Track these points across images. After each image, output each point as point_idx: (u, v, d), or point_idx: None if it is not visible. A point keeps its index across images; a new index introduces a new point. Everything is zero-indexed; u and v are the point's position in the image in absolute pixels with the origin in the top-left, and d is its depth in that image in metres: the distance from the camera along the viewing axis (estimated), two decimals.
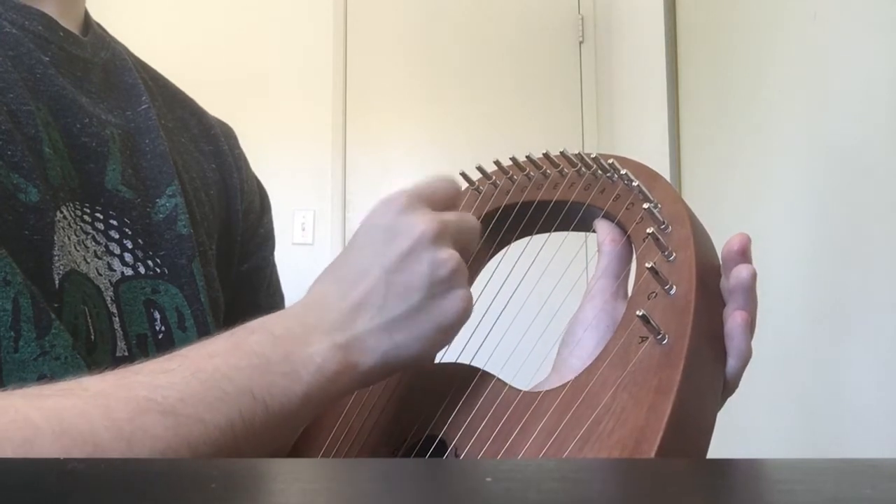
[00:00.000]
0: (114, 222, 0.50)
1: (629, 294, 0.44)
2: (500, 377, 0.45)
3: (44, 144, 0.46)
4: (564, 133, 2.56)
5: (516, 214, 0.53)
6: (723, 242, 0.43)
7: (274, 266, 0.67)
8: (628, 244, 0.48)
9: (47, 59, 0.49)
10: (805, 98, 1.36)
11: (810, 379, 1.33)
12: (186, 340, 0.51)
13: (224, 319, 0.56)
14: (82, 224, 0.48)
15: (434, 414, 0.45)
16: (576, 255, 0.65)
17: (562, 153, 0.53)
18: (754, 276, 0.41)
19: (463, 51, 2.63)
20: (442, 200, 0.45)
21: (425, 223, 0.42)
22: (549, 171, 0.53)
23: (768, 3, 1.50)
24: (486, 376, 0.45)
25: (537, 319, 0.63)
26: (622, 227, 0.48)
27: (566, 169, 0.52)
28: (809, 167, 1.34)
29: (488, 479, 0.21)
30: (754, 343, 0.42)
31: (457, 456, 0.42)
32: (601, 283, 0.48)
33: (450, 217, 0.44)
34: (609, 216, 0.49)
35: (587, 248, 0.64)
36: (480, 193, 0.55)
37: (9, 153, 0.43)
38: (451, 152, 2.52)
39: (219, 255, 0.58)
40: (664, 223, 0.45)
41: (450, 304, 0.42)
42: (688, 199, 0.47)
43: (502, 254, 0.55)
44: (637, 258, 0.45)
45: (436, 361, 0.50)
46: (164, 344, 0.50)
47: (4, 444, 0.30)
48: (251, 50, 2.62)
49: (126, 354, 0.48)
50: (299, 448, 0.49)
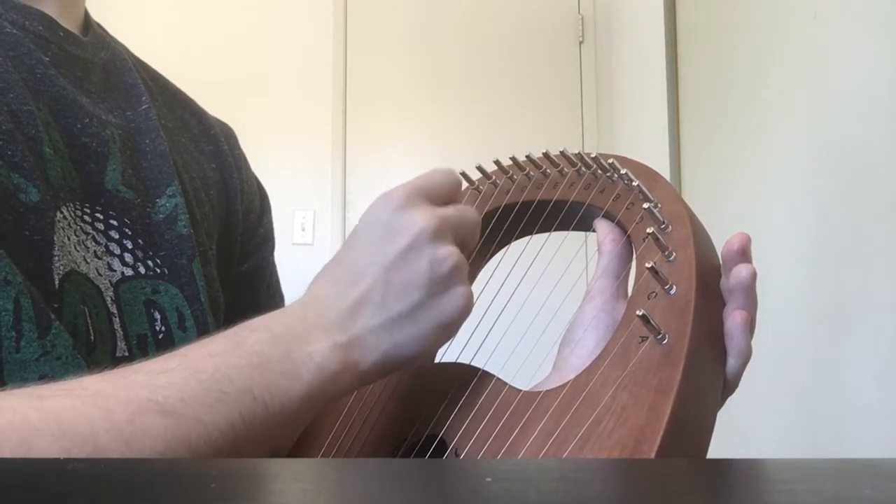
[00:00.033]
0: (114, 222, 0.50)
1: (629, 294, 0.44)
2: (500, 377, 0.45)
3: (44, 144, 0.46)
4: (564, 133, 2.56)
5: (516, 214, 0.53)
6: (723, 242, 0.43)
7: (274, 266, 0.67)
8: (628, 244, 0.48)
9: (47, 60, 0.49)
10: (805, 98, 1.36)
11: (810, 379, 1.33)
12: (186, 340, 0.51)
13: (224, 319, 0.56)
14: (82, 224, 0.48)
15: (434, 414, 0.45)
16: (576, 255, 0.65)
17: (562, 153, 0.53)
18: (754, 276, 0.41)
19: (463, 51, 2.63)
20: (442, 194, 0.45)
21: (424, 219, 0.41)
22: (549, 171, 0.53)
23: (768, 3, 1.50)
24: (486, 376, 0.45)
25: (537, 319, 0.63)
26: (622, 227, 0.48)
27: (566, 168, 0.52)
28: (809, 167, 1.34)
29: (488, 479, 0.21)
30: (754, 343, 0.42)
31: (457, 456, 0.42)
32: (601, 283, 0.48)
33: (449, 212, 0.43)
34: (609, 216, 0.49)
35: (587, 248, 0.64)
36: (480, 193, 0.55)
37: (9, 153, 0.43)
38: (451, 152, 2.52)
39: (219, 256, 0.58)
40: (664, 223, 0.45)
41: (450, 302, 0.41)
42: (688, 199, 0.47)
43: (502, 254, 0.55)
44: (637, 258, 0.45)
45: (436, 361, 0.50)
46: (165, 344, 0.50)
47: (3, 446, 0.30)
48: (251, 50, 2.62)
49: (126, 354, 0.48)
50: (299, 448, 0.49)
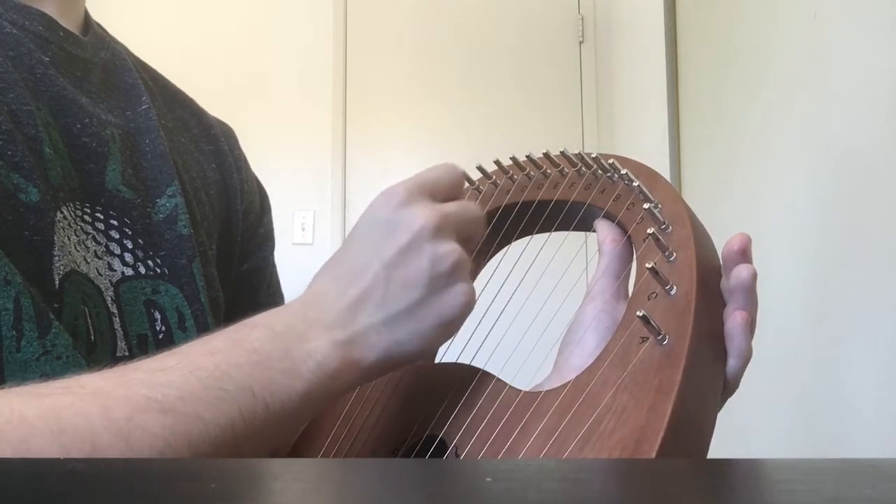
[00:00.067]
0: (114, 222, 0.50)
1: (630, 294, 0.44)
2: (501, 377, 0.45)
3: (44, 144, 0.46)
4: (564, 133, 2.56)
5: (516, 214, 0.53)
6: (723, 242, 0.43)
7: (274, 266, 0.67)
8: (629, 244, 0.47)
9: (47, 60, 0.49)
10: (805, 98, 1.36)
11: (810, 379, 1.33)
12: (187, 340, 0.51)
13: (224, 319, 0.56)
14: (82, 224, 0.48)
15: (434, 414, 0.45)
16: (576, 255, 0.65)
17: (562, 153, 0.53)
18: (754, 276, 0.41)
19: (463, 51, 2.63)
20: (444, 190, 0.44)
21: (425, 216, 0.41)
22: (550, 171, 0.53)
23: (768, 3, 1.50)
24: (487, 376, 0.45)
25: (537, 319, 0.63)
26: (622, 228, 0.48)
27: (566, 168, 0.52)
28: (809, 167, 1.34)
29: (488, 479, 0.21)
30: (754, 343, 0.42)
31: (457, 456, 0.42)
32: (602, 283, 0.48)
33: (451, 208, 0.43)
34: (609, 216, 0.49)
35: (587, 248, 0.64)
36: (481, 193, 0.55)
37: (9, 153, 0.43)
38: (451, 152, 2.52)
39: (219, 255, 0.58)
40: (664, 223, 0.45)
41: (451, 299, 0.41)
42: (688, 199, 0.47)
43: (502, 254, 0.54)
44: (637, 258, 0.45)
45: (436, 361, 0.50)
46: (165, 344, 0.50)
47: (1, 445, 0.30)
48: (251, 50, 2.62)
49: (126, 354, 0.48)
50: (299, 448, 0.49)
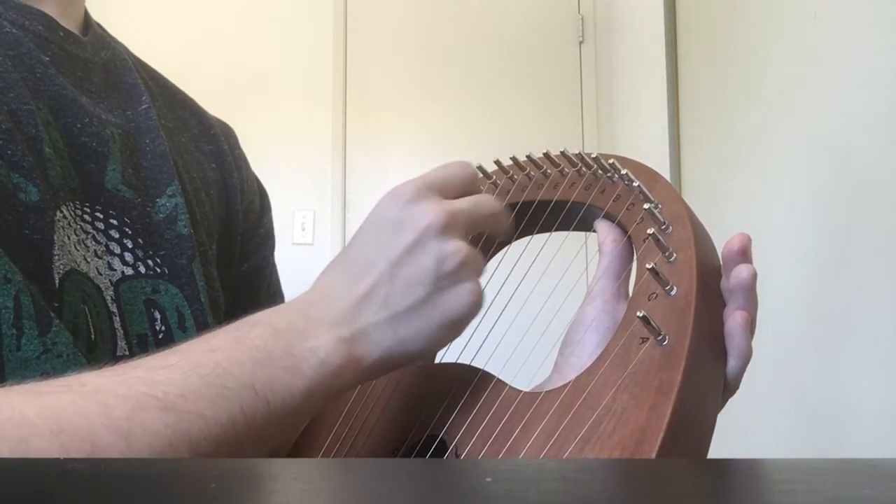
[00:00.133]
0: (114, 222, 0.50)
1: (630, 294, 0.44)
2: (501, 377, 0.45)
3: (44, 144, 0.46)
4: (564, 133, 2.56)
5: (517, 214, 0.53)
6: (723, 242, 0.43)
7: (274, 266, 0.67)
8: (629, 244, 0.47)
9: (47, 59, 0.49)
10: (805, 98, 1.36)
11: (810, 379, 1.33)
12: (186, 340, 0.51)
13: (224, 319, 0.56)
14: (82, 224, 0.48)
15: (434, 414, 0.45)
16: (576, 255, 0.65)
17: (562, 153, 0.53)
18: (754, 276, 0.41)
19: (463, 51, 2.63)
20: (455, 188, 0.44)
21: (433, 214, 0.41)
22: (550, 171, 0.53)
23: (768, 3, 1.50)
24: (487, 377, 0.45)
25: (537, 319, 0.63)
26: (623, 228, 0.48)
27: (566, 169, 0.52)
28: (809, 167, 1.34)
29: (488, 479, 0.21)
30: (754, 343, 0.42)
31: (457, 456, 0.42)
32: (602, 284, 0.48)
33: (461, 205, 0.42)
34: (609, 216, 0.48)
35: (587, 248, 0.64)
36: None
37: (9, 153, 0.43)
38: (451, 152, 2.51)
39: (219, 255, 0.58)
40: (665, 224, 0.45)
41: (457, 298, 0.41)
42: (688, 199, 0.47)
43: (502, 254, 0.54)
44: (638, 259, 0.45)
45: (436, 361, 0.50)
46: (165, 343, 0.50)
47: (1, 444, 0.30)
48: (251, 50, 2.62)
49: (126, 354, 0.48)
50: (300, 447, 0.49)
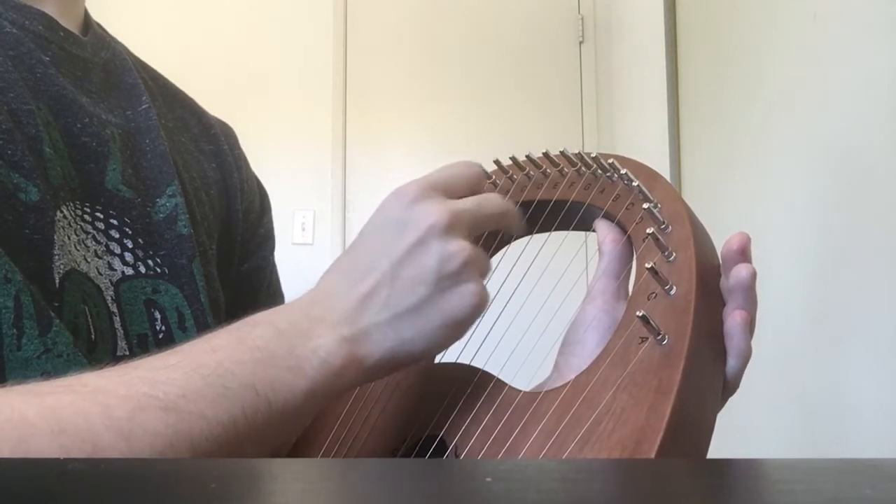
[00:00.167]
0: (114, 222, 0.50)
1: (629, 294, 0.44)
2: (501, 377, 0.45)
3: (44, 144, 0.46)
4: (564, 133, 2.56)
5: None
6: (723, 242, 0.43)
7: (274, 266, 0.67)
8: (628, 244, 0.47)
9: (47, 59, 0.49)
10: (805, 98, 1.36)
11: (810, 379, 1.33)
12: (187, 340, 0.51)
13: (224, 319, 0.56)
14: (82, 223, 0.48)
15: (434, 414, 0.45)
16: (576, 255, 0.65)
17: (562, 153, 0.53)
18: (754, 276, 0.41)
19: (463, 51, 2.63)
20: (459, 188, 0.44)
21: (436, 213, 0.40)
22: (549, 171, 0.53)
23: (768, 3, 1.50)
24: (487, 376, 0.45)
25: (537, 319, 0.62)
26: (622, 227, 0.48)
27: (566, 168, 0.52)
28: (809, 167, 1.34)
29: (488, 479, 0.21)
30: (754, 343, 0.42)
31: (457, 456, 0.42)
32: (601, 283, 0.48)
33: (465, 205, 0.42)
34: (609, 216, 0.48)
35: (587, 248, 0.64)
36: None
37: (9, 153, 0.43)
38: (451, 152, 2.52)
39: (219, 255, 0.58)
40: (664, 223, 0.45)
41: (459, 299, 0.40)
42: (688, 199, 0.47)
43: (502, 254, 0.54)
44: (637, 258, 0.45)
45: (436, 361, 0.50)
46: (165, 344, 0.50)
47: (1, 444, 0.30)
48: (251, 50, 2.62)
49: (126, 354, 0.48)
50: (299, 447, 0.49)
